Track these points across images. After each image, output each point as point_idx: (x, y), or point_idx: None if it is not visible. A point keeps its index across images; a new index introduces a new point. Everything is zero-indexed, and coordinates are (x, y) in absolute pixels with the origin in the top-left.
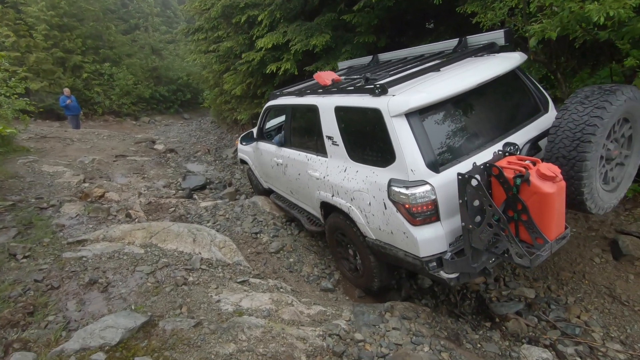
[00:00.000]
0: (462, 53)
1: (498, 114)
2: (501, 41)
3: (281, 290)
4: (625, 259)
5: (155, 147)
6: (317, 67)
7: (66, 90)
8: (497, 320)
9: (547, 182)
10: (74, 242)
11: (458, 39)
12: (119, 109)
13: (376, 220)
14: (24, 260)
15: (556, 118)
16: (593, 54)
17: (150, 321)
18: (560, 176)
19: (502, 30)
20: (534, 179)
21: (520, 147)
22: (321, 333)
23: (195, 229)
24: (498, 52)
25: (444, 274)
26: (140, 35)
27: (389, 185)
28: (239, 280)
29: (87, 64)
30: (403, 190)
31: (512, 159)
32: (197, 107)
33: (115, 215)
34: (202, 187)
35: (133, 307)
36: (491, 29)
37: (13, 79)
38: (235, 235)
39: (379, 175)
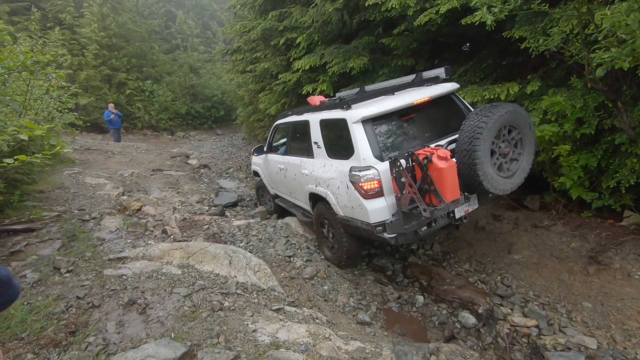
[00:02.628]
0: (415, 83)
1: (434, 123)
2: (443, 75)
3: (317, 321)
4: None
5: (190, 162)
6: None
7: (111, 105)
8: None
9: (442, 160)
10: (115, 258)
11: (415, 74)
12: (156, 124)
13: (343, 199)
14: (67, 274)
15: (462, 124)
16: None
17: (189, 352)
18: (450, 158)
19: (443, 68)
20: (434, 159)
21: (444, 145)
22: None
23: (232, 250)
24: (440, 82)
25: (386, 235)
26: (180, 54)
27: (350, 170)
28: (274, 308)
29: (131, 81)
30: (357, 173)
31: (426, 149)
32: (229, 123)
33: (152, 231)
34: (234, 204)
35: (173, 335)
36: (541, 55)
37: (65, 95)
38: (268, 257)
39: (344, 165)
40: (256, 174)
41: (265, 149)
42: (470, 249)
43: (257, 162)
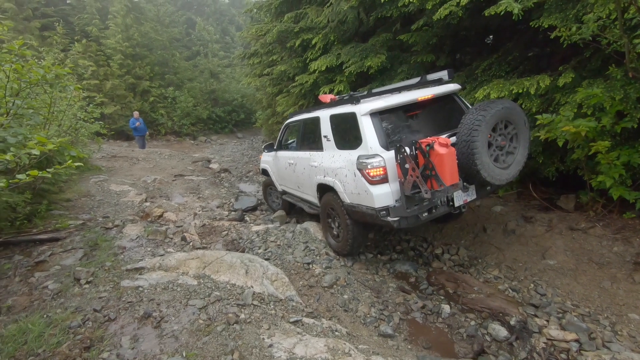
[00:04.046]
0: (419, 84)
1: (436, 120)
2: (446, 77)
3: (336, 333)
4: None
5: (211, 166)
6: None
7: (136, 113)
8: None
9: (442, 147)
10: (132, 269)
11: (420, 77)
12: (179, 129)
13: (350, 186)
14: (87, 286)
15: (462, 118)
16: None
17: None
18: (450, 145)
19: (446, 70)
20: (436, 145)
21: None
22: None
23: (248, 259)
24: (443, 84)
25: (389, 219)
26: (201, 60)
27: (358, 159)
28: (291, 320)
29: (154, 88)
30: (364, 160)
31: (428, 138)
32: (249, 126)
33: (171, 238)
34: (253, 209)
35: (184, 354)
36: (573, 44)
37: (91, 105)
38: (287, 264)
39: (352, 155)
40: (264, 172)
41: (275, 146)
42: (499, 254)
43: (267, 159)
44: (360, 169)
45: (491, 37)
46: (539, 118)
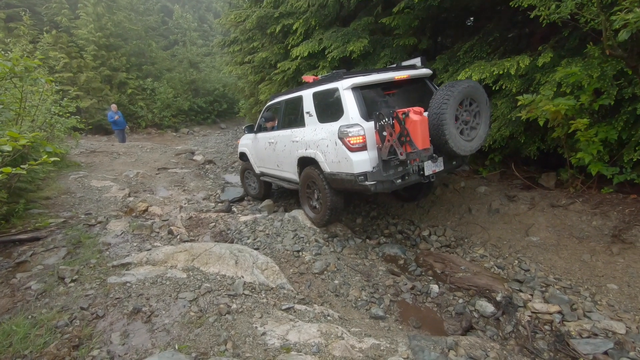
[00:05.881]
0: (396, 68)
1: (410, 99)
2: (419, 64)
3: (329, 318)
4: None
5: (195, 158)
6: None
7: (113, 107)
8: None
9: (416, 115)
10: (119, 265)
11: (396, 64)
12: (160, 122)
13: (330, 155)
14: (72, 284)
15: (433, 94)
16: None
17: None
18: (423, 114)
19: (419, 57)
20: (411, 114)
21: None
22: None
23: (237, 250)
24: (416, 68)
25: (367, 183)
26: (179, 50)
27: (339, 128)
28: (283, 308)
29: (131, 80)
30: (346, 129)
31: (404, 109)
32: (233, 116)
33: (158, 232)
34: (240, 199)
35: (177, 346)
36: (552, 24)
37: (65, 99)
38: (277, 253)
39: (334, 126)
40: (242, 156)
41: (255, 129)
42: (484, 233)
43: (246, 142)
44: (341, 137)
45: (472, 18)
46: (520, 99)
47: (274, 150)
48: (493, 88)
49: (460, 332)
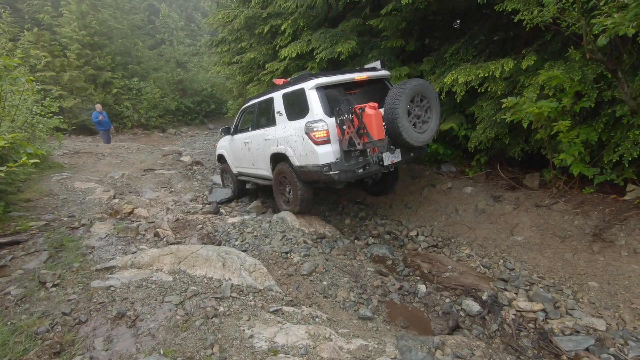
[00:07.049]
0: (360, 69)
1: (370, 98)
2: (379, 67)
3: (317, 319)
4: None
5: (182, 159)
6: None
7: (98, 106)
8: (565, 358)
9: (371, 109)
10: (102, 269)
11: (358, 68)
12: (146, 122)
13: (299, 150)
14: (53, 289)
15: (389, 91)
16: None
17: None
18: (377, 108)
19: (379, 60)
20: (367, 108)
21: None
22: None
23: (225, 252)
24: (376, 70)
25: (331, 173)
26: (166, 49)
27: (305, 124)
28: (271, 310)
29: (117, 79)
30: (311, 124)
31: (361, 105)
32: (221, 117)
33: (143, 235)
34: (228, 201)
35: (162, 351)
36: (535, 27)
37: (47, 98)
38: (265, 255)
39: (301, 123)
40: (221, 158)
41: (231, 130)
42: (471, 233)
43: (223, 144)
44: (307, 132)
45: (458, 21)
46: (505, 101)
47: (249, 150)
48: (479, 90)
49: (447, 331)
